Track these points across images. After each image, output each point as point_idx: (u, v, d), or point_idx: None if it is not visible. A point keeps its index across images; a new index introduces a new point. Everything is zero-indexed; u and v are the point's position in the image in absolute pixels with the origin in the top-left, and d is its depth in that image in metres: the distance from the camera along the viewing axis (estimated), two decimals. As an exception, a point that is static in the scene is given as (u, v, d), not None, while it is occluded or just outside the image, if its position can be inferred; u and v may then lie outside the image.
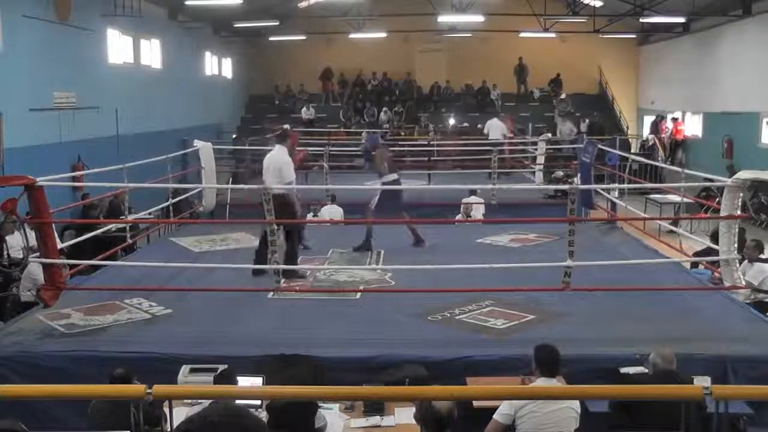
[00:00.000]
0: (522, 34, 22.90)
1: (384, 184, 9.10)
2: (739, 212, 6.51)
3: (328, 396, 4.43)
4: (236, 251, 9.14)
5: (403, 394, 4.44)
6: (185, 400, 4.75)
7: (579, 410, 4.61)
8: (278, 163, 7.75)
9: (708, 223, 11.78)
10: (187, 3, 17.22)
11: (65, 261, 7.15)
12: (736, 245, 6.50)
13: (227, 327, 6.36)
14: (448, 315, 6.62)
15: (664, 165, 17.74)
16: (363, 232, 9.09)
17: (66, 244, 8.14)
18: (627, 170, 12.75)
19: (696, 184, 12.60)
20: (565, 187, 8.30)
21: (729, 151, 18.24)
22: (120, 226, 9.79)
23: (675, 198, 12.66)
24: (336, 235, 10.01)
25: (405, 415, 4.77)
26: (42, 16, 12.28)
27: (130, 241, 9.61)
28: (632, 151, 21.54)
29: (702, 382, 4.56)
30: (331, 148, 14.34)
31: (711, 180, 8.62)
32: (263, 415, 4.66)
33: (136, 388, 3.56)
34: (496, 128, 16.97)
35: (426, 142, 18.80)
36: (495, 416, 4.61)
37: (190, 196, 11.26)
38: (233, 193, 11.99)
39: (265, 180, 7.76)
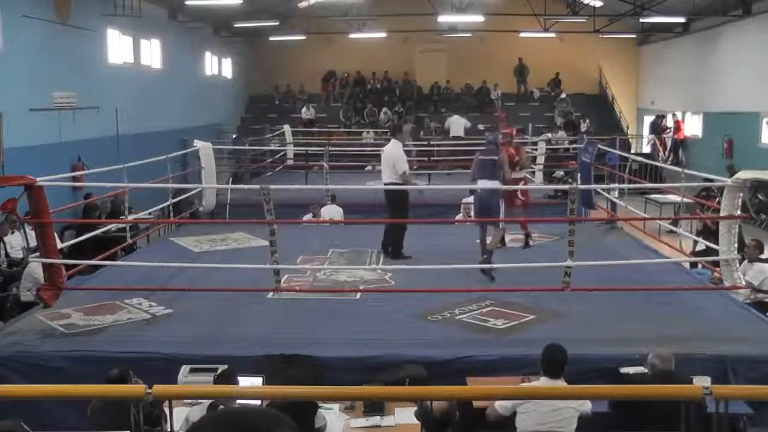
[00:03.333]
0: (522, 34, 22.90)
1: (473, 192, 8.63)
2: (739, 212, 6.51)
3: (328, 396, 4.43)
4: (236, 251, 9.14)
5: (403, 394, 4.44)
6: (185, 400, 4.75)
7: (583, 408, 4.62)
8: (392, 157, 8.39)
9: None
10: (187, 3, 17.22)
11: (65, 261, 7.14)
12: (736, 245, 6.50)
13: (227, 327, 6.36)
14: (448, 315, 6.62)
15: (663, 165, 17.74)
16: (361, 233, 9.06)
17: (66, 244, 8.14)
18: (627, 170, 12.75)
19: (696, 184, 12.59)
20: (565, 187, 8.29)
21: (729, 151, 18.24)
22: (120, 226, 9.79)
23: (675, 198, 12.66)
24: (336, 235, 10.01)
25: (405, 415, 4.77)
26: (42, 16, 12.28)
27: (130, 241, 9.61)
28: (632, 151, 21.54)
29: (702, 382, 4.56)
30: (331, 148, 14.34)
31: (711, 180, 8.62)
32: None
33: (136, 388, 3.56)
34: (458, 125, 16.71)
35: (426, 142, 18.78)
36: (496, 404, 4.64)
37: (190, 196, 11.26)
38: (233, 193, 11.99)
39: (382, 174, 8.51)
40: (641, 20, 20.59)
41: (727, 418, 3.63)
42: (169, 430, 3.80)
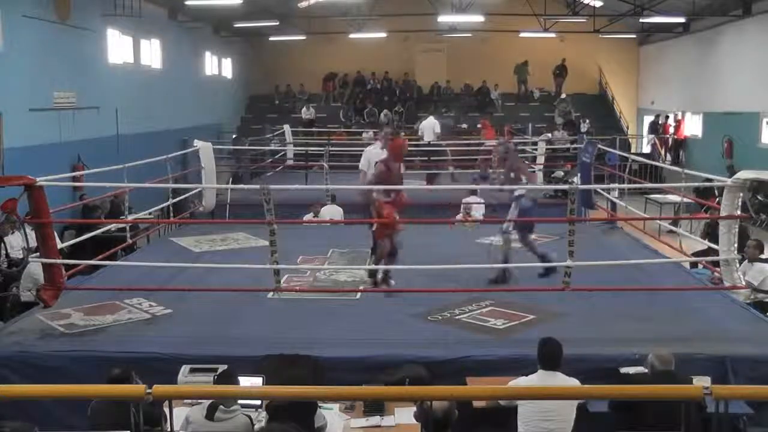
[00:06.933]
0: (522, 34, 22.90)
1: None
2: (739, 212, 6.51)
3: (328, 396, 4.43)
4: (236, 251, 9.14)
5: (403, 394, 4.44)
6: (185, 400, 4.75)
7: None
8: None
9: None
10: (187, 3, 17.21)
11: (65, 261, 7.14)
12: (736, 245, 6.49)
13: (227, 327, 6.36)
14: (448, 315, 6.62)
15: (663, 165, 17.74)
16: (361, 233, 9.04)
17: (66, 244, 8.14)
18: (627, 170, 12.75)
19: (696, 184, 12.59)
20: (565, 187, 8.28)
21: (729, 151, 18.24)
22: (120, 226, 9.79)
23: (675, 198, 12.65)
24: (336, 235, 10.01)
25: (405, 415, 4.77)
26: (42, 16, 12.28)
27: (130, 241, 9.60)
28: (632, 151, 21.55)
29: (702, 382, 4.56)
30: (331, 148, 14.36)
31: (711, 180, 8.63)
32: (263, 415, 4.67)
33: (136, 388, 3.57)
34: (428, 129, 15.97)
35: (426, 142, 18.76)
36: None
37: (190, 196, 11.27)
38: (233, 193, 12.00)
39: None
40: (641, 20, 20.58)
41: (727, 418, 3.63)
42: (169, 430, 3.80)
